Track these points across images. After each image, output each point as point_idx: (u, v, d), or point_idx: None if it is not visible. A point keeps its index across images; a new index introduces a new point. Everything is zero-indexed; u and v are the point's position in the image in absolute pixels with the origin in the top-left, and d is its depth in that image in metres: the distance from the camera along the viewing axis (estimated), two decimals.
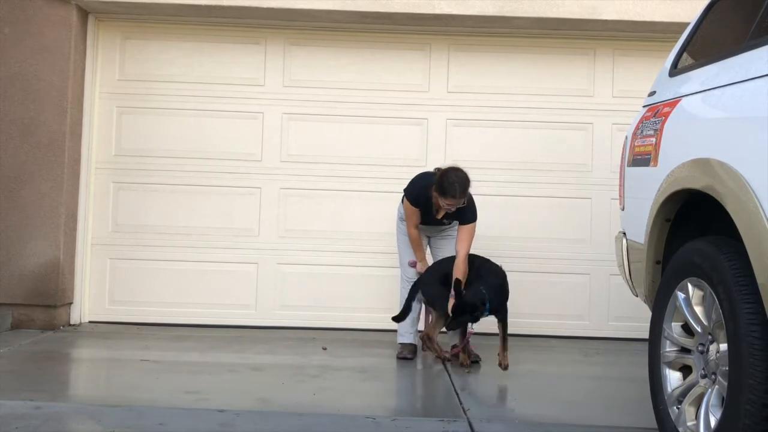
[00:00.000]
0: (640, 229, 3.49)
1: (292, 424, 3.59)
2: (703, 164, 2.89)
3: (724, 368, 2.70)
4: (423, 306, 5.14)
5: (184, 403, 3.90)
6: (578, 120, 6.08)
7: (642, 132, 3.65)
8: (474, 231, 4.95)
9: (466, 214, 4.93)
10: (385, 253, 5.97)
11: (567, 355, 5.49)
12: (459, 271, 4.82)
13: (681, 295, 3.04)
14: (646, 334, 3.37)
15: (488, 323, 5.98)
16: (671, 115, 3.36)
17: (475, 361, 4.96)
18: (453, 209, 4.82)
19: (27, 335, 5.45)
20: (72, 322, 5.92)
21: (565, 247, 6.05)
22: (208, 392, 4.14)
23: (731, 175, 2.68)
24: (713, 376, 2.81)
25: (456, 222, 5.02)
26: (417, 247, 5.13)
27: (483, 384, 4.51)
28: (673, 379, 3.11)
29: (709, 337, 2.86)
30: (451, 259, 4.94)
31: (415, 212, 5.00)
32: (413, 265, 5.16)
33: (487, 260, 4.99)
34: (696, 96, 3.22)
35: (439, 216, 4.97)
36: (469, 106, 6.09)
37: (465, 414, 3.82)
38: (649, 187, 3.37)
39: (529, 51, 6.09)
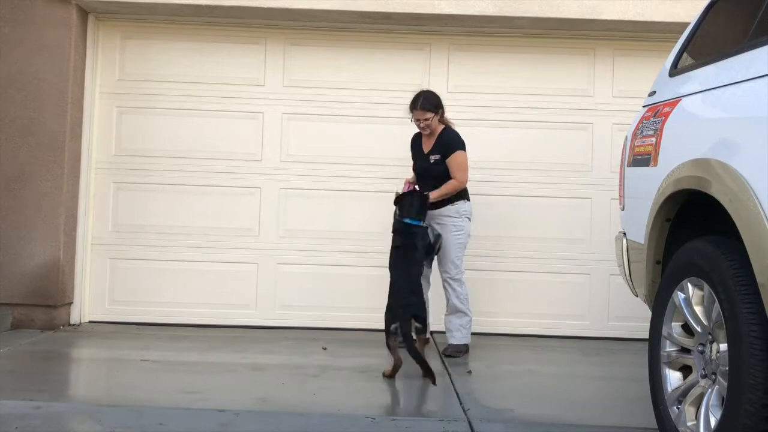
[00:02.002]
0: (640, 229, 3.49)
1: (292, 424, 3.59)
2: (703, 164, 2.89)
3: (724, 368, 2.70)
4: None
5: (184, 403, 3.90)
6: (578, 120, 6.08)
7: (642, 132, 3.65)
8: (461, 160, 5.17)
9: (447, 144, 5.19)
10: (385, 252, 5.94)
11: (567, 355, 5.49)
12: (435, 192, 5.09)
13: (681, 295, 3.04)
14: (646, 334, 3.37)
15: (489, 323, 6.01)
16: (671, 115, 3.36)
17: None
18: (422, 126, 5.19)
19: (27, 335, 5.45)
20: (72, 322, 5.92)
21: (565, 247, 6.05)
22: (208, 392, 4.14)
23: (731, 175, 2.68)
24: (713, 376, 2.81)
25: (448, 212, 5.20)
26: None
27: (483, 384, 4.51)
28: (673, 379, 3.11)
29: (709, 337, 2.86)
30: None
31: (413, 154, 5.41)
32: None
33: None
34: (696, 96, 3.22)
35: (427, 150, 5.26)
36: (469, 106, 6.08)
37: (465, 414, 3.82)
38: (649, 187, 3.37)
39: (529, 51, 6.09)
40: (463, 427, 3.61)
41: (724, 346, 2.71)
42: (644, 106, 3.83)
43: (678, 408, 3.02)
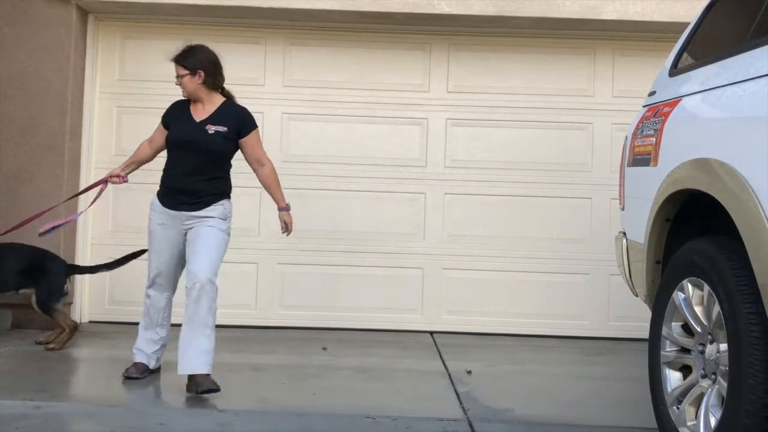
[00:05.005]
0: (640, 229, 3.49)
1: (292, 424, 3.59)
2: (703, 164, 2.89)
3: (724, 368, 2.70)
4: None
5: (184, 403, 3.90)
6: (578, 120, 6.08)
7: (642, 132, 3.65)
8: (258, 137, 4.50)
9: (244, 118, 4.38)
10: (384, 252, 5.98)
11: (567, 355, 5.49)
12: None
13: (681, 295, 3.04)
14: (646, 334, 3.38)
15: (488, 323, 6.01)
16: (671, 115, 3.36)
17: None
18: (178, 82, 4.36)
19: (27, 335, 5.45)
20: None
21: (565, 247, 6.05)
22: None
23: (731, 175, 2.68)
24: (713, 376, 2.81)
25: (210, 222, 4.34)
26: (131, 159, 4.67)
27: (483, 384, 4.51)
28: (673, 379, 3.11)
29: (709, 337, 2.86)
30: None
31: (158, 128, 4.53)
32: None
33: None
34: (696, 96, 3.22)
35: (200, 118, 4.33)
36: (469, 106, 6.08)
37: (465, 414, 3.82)
38: (649, 187, 3.37)
39: (529, 51, 6.08)
40: (463, 427, 3.61)
41: (724, 346, 2.71)
42: (644, 106, 3.83)
43: (678, 408, 3.02)
